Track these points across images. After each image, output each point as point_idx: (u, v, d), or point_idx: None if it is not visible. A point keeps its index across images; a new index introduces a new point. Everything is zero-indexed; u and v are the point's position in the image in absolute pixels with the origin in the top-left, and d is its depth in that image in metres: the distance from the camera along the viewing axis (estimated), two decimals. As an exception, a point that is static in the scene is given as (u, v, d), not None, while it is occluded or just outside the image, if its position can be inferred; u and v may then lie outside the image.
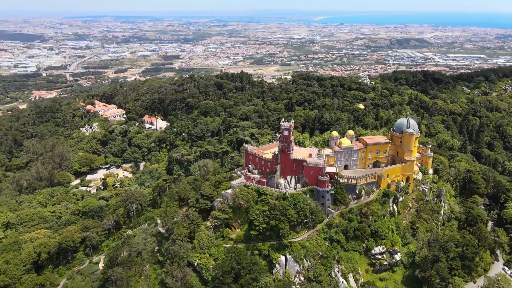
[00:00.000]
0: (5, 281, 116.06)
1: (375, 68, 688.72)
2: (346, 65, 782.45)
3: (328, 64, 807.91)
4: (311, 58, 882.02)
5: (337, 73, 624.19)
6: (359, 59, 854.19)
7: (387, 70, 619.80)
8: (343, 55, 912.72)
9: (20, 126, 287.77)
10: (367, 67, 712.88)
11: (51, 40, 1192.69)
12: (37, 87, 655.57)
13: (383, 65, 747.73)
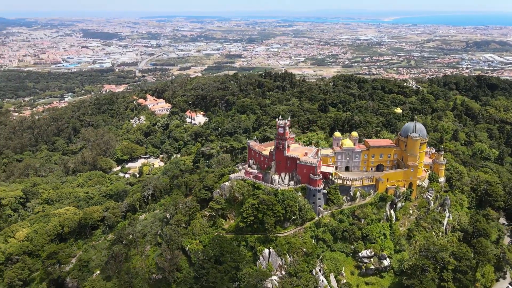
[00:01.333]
0: (30, 247, 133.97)
1: (444, 72, 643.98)
2: (413, 68, 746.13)
3: (393, 66, 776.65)
4: (375, 60, 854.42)
5: (401, 76, 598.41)
6: (428, 62, 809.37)
7: (459, 74, 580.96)
8: (411, 57, 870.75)
9: (80, 116, 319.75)
10: (436, 71, 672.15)
11: (127, 38, 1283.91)
12: (108, 81, 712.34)
13: (454, 69, 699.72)
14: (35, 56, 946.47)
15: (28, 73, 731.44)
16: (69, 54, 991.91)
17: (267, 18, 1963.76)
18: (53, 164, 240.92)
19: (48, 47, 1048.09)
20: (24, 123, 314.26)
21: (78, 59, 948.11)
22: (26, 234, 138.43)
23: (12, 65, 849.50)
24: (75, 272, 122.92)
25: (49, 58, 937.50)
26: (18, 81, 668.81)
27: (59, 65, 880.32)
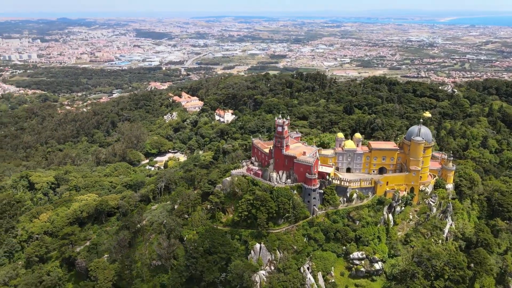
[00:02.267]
0: (50, 228, 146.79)
1: (502, 77, 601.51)
2: (467, 71, 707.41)
3: (445, 70, 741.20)
4: (425, 63, 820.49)
5: (453, 79, 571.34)
6: (484, 65, 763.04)
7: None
8: (466, 60, 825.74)
9: (118, 110, 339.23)
10: (493, 75, 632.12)
11: (176, 38, 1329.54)
12: (154, 79, 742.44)
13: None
14: (91, 54, 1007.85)
15: (83, 70, 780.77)
16: (122, 53, 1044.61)
17: (315, 19, 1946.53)
18: (89, 155, 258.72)
19: (103, 46, 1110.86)
20: (69, 116, 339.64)
21: (129, 57, 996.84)
22: (49, 216, 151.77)
23: (70, 62, 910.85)
24: (84, 253, 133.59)
25: (104, 56, 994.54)
26: (73, 77, 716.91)
27: (112, 62, 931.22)
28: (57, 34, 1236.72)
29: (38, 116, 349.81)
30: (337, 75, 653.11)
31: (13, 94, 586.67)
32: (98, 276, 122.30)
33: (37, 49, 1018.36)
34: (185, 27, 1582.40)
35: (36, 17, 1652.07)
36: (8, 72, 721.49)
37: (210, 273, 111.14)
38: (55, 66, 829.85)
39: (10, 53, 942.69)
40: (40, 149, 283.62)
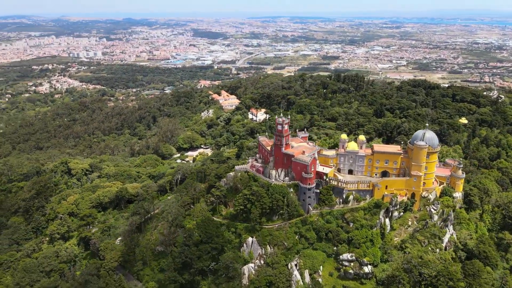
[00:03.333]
0: (74, 210, 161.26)
1: None
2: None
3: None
4: (491, 67, 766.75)
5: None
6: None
7: None
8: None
9: (160, 106, 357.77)
10: None
11: (230, 38, 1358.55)
12: (205, 77, 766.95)
13: None
14: (149, 52, 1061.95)
15: (140, 67, 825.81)
16: (178, 52, 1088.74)
17: (374, 19, 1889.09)
18: (127, 147, 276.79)
19: (162, 45, 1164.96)
20: (115, 110, 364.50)
21: (184, 56, 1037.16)
22: (75, 199, 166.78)
23: (130, 60, 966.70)
24: (97, 234, 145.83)
25: (161, 54, 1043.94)
26: (130, 74, 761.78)
27: (168, 61, 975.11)
28: (121, 34, 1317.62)
29: (89, 109, 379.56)
30: (390, 78, 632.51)
31: (76, 88, 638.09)
32: (106, 256, 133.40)
33: (102, 47, 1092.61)
34: (241, 27, 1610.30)
35: (105, 18, 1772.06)
36: (74, 68, 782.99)
37: (200, 261, 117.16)
38: (116, 63, 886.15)
39: (79, 51, 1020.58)
40: (87, 139, 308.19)
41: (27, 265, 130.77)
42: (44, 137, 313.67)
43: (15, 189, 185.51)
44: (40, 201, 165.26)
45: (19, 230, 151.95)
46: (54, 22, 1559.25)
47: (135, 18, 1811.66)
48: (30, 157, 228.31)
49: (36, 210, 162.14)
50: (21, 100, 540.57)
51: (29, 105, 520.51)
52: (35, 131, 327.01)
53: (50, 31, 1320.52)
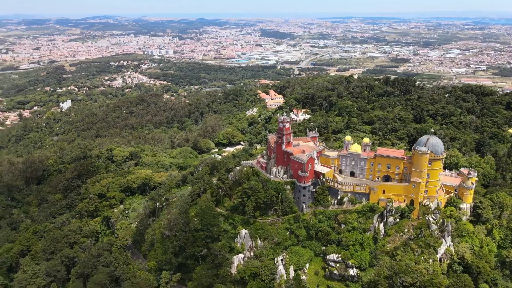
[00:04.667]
0: (104, 191, 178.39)
1: None
2: None
3: None
4: None
5: None
6: None
7: None
8: None
9: (209, 103, 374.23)
10: None
11: (297, 38, 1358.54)
12: (265, 77, 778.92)
13: None
14: (217, 51, 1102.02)
15: (204, 65, 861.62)
16: (244, 51, 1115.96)
17: (455, 20, 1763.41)
18: (169, 139, 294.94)
19: (229, 44, 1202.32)
20: (168, 104, 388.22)
21: (249, 56, 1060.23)
22: (107, 182, 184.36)
23: (198, 58, 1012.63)
24: (116, 215, 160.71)
25: (227, 53, 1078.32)
26: (195, 71, 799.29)
27: (233, 60, 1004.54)
28: (193, 33, 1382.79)
29: (146, 103, 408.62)
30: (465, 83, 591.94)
31: (144, 84, 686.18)
32: (119, 234, 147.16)
33: (174, 46, 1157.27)
34: (309, 27, 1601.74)
35: (180, 18, 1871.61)
36: (145, 65, 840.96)
37: (193, 247, 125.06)
38: (184, 61, 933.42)
39: (153, 49, 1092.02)
40: (139, 130, 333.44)
41: (55, 235, 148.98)
42: (103, 127, 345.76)
43: (64, 170, 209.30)
44: (77, 182, 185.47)
45: (55, 205, 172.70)
46: (134, 22, 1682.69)
47: (208, 18, 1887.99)
48: (81, 143, 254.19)
49: (73, 190, 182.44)
50: (95, 93, 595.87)
51: (101, 97, 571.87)
52: (97, 120, 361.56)
53: (130, 30, 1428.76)
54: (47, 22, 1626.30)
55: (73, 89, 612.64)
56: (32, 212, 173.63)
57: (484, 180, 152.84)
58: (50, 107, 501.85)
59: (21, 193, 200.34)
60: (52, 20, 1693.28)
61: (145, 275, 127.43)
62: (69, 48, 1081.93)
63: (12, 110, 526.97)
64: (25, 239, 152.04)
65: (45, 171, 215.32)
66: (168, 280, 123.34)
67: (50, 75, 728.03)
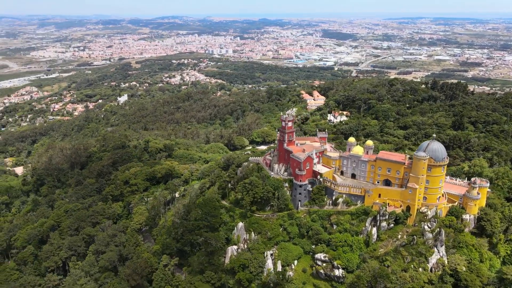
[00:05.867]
0: (131, 178, 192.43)
1: None
2: None
3: None
4: None
5: None
6: None
7: None
8: None
9: (251, 101, 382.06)
10: None
11: (360, 39, 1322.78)
12: (320, 78, 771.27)
13: None
14: (275, 51, 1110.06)
15: (260, 65, 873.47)
16: (302, 51, 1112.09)
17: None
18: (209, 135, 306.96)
19: (289, 44, 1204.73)
20: (212, 101, 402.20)
21: (308, 56, 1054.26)
22: (136, 170, 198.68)
23: (256, 58, 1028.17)
24: (135, 201, 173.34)
25: (285, 54, 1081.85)
26: (250, 71, 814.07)
27: (291, 60, 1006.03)
28: (254, 33, 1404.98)
29: (192, 99, 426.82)
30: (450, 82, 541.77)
31: (200, 82, 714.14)
32: (134, 219, 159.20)
33: (234, 46, 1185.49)
34: (373, 28, 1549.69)
35: (243, 18, 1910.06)
36: (204, 64, 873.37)
37: (190, 234, 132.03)
38: (242, 60, 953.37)
39: (214, 48, 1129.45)
40: (183, 125, 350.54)
41: (81, 214, 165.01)
42: (151, 120, 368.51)
43: (103, 157, 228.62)
44: (108, 168, 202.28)
45: (87, 188, 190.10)
46: (200, 22, 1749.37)
47: (270, 19, 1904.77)
48: (122, 133, 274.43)
49: (105, 175, 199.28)
50: (154, 89, 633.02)
51: (158, 93, 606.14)
52: (146, 114, 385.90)
53: (195, 30, 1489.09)
54: (121, 22, 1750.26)
55: (134, 84, 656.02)
56: (68, 193, 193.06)
57: (509, 193, 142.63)
58: (111, 100, 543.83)
59: (65, 176, 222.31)
60: (126, 20, 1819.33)
61: (149, 256, 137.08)
62: (137, 46, 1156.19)
63: (80, 102, 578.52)
64: (57, 215, 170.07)
65: (88, 158, 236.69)
66: (167, 263, 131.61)
67: (118, 71, 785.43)
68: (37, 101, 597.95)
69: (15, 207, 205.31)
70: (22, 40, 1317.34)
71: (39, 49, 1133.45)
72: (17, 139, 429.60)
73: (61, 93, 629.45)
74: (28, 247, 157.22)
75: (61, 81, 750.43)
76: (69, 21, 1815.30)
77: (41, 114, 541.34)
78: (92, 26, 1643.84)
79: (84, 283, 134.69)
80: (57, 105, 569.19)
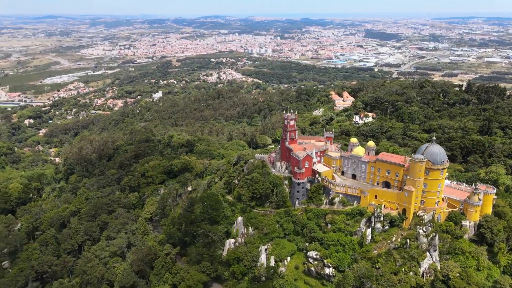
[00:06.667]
0: (149, 171, 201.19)
1: None
2: None
3: None
4: None
5: None
6: None
7: None
8: None
9: (280, 101, 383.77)
10: None
11: (404, 40, 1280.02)
12: (358, 79, 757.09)
13: None
14: (315, 51, 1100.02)
15: (297, 65, 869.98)
16: (342, 52, 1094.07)
17: None
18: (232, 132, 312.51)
19: (329, 45, 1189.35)
20: (241, 100, 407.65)
21: (348, 57, 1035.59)
22: (154, 164, 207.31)
23: (295, 57, 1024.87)
24: (149, 192, 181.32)
25: (325, 54, 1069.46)
26: (287, 70, 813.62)
27: (330, 60, 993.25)
28: (294, 33, 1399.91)
29: (222, 97, 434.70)
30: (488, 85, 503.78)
31: (236, 80, 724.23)
32: (145, 208, 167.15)
33: (274, 45, 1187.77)
34: (420, 28, 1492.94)
35: (284, 18, 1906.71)
36: (242, 63, 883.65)
37: (191, 226, 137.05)
38: (280, 60, 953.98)
39: (253, 48, 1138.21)
40: (211, 122, 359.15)
41: (99, 202, 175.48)
42: (181, 116, 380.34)
43: (129, 150, 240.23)
44: (130, 161, 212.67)
45: (108, 178, 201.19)
46: (241, 22, 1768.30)
47: (312, 18, 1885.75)
48: (147, 128, 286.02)
49: (126, 167, 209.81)
50: (190, 87, 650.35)
51: (194, 91, 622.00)
52: (177, 111, 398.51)
53: (236, 29, 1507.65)
54: (166, 22, 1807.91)
55: (172, 82, 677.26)
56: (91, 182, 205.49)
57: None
58: (147, 97, 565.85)
59: (93, 166, 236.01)
60: (170, 20, 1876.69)
61: (154, 245, 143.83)
62: (179, 45, 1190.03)
63: (121, 98, 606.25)
64: (78, 202, 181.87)
65: (115, 150, 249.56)
66: (169, 252, 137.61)
67: (158, 69, 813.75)
68: (82, 96, 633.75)
69: (46, 193, 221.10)
70: (74, 38, 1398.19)
71: (89, 47, 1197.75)
72: (61, 131, 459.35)
73: (104, 89, 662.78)
74: (50, 230, 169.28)
75: (106, 78, 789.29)
76: (117, 21, 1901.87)
77: (85, 108, 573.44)
78: (138, 25, 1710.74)
79: (93, 266, 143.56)
80: (100, 100, 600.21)
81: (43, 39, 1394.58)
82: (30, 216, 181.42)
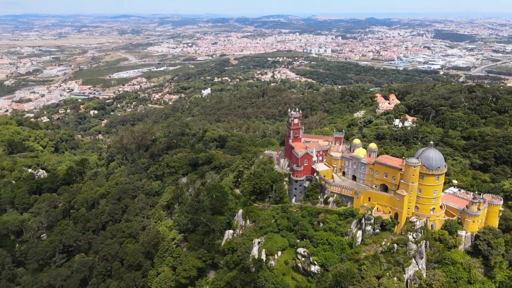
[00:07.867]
0: (175, 160, 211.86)
1: None
2: None
3: None
4: None
5: None
6: None
7: None
8: None
9: (322, 101, 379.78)
10: None
11: (479, 41, 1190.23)
12: (417, 82, 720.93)
13: None
14: (377, 52, 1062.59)
15: (355, 65, 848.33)
16: (407, 53, 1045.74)
17: None
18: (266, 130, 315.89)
19: (393, 45, 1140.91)
20: (284, 99, 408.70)
21: (412, 59, 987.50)
22: (182, 155, 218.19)
23: (354, 58, 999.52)
24: (169, 181, 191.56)
25: (387, 55, 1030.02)
26: (343, 71, 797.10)
27: (391, 62, 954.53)
28: (357, 33, 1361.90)
29: (266, 96, 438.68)
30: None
31: (289, 80, 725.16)
32: (163, 196, 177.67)
33: (334, 45, 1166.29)
34: (498, 29, 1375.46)
35: (349, 17, 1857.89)
36: (298, 62, 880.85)
37: (195, 214, 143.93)
38: (338, 60, 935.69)
39: (312, 47, 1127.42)
40: (252, 120, 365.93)
41: (124, 187, 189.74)
42: (224, 113, 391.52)
43: (163, 142, 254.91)
44: (159, 152, 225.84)
45: (137, 166, 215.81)
46: (303, 21, 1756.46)
47: (378, 18, 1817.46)
48: (184, 122, 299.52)
49: (155, 157, 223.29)
50: (243, 85, 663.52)
51: (246, 89, 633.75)
52: (222, 107, 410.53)
53: (297, 29, 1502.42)
54: (229, 21, 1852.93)
55: (226, 79, 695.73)
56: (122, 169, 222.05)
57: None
58: (197, 93, 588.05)
59: (132, 155, 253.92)
60: (233, 19, 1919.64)
61: (163, 229, 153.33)
62: (240, 44, 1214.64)
63: (176, 93, 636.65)
64: (109, 186, 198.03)
65: (153, 141, 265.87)
66: (174, 237, 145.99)
67: (216, 67, 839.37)
68: (142, 91, 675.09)
69: (87, 177, 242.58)
70: (143, 36, 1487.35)
71: (155, 44, 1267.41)
72: (119, 122, 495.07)
73: (163, 84, 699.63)
74: (81, 209, 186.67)
75: (166, 74, 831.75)
76: (184, 20, 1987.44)
77: (143, 102, 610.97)
78: (203, 24, 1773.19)
79: (109, 244, 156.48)
80: (157, 95, 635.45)
81: (116, 36, 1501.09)
82: (68, 195, 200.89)
